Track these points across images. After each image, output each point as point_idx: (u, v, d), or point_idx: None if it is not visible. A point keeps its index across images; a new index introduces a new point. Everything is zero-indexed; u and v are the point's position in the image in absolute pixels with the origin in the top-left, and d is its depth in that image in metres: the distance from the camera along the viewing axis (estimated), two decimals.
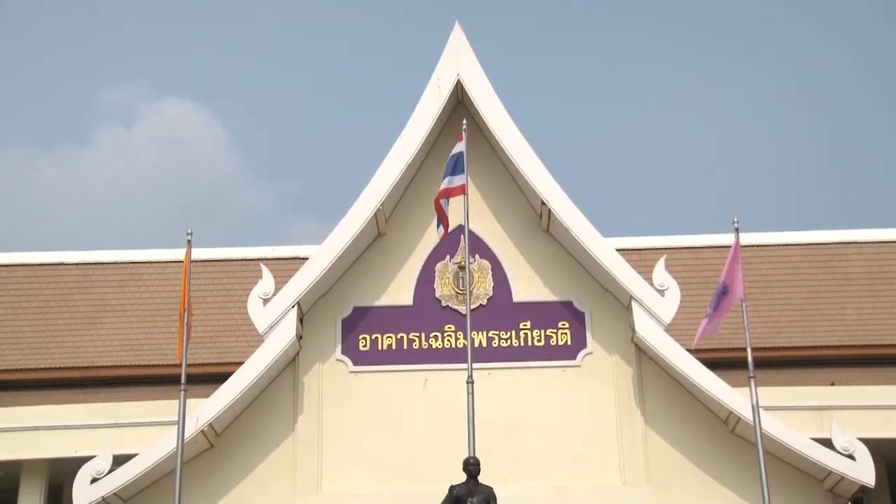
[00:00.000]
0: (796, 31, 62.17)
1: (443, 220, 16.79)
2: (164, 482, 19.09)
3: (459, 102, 21.28)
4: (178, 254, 27.33)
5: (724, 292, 16.73)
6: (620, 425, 19.83)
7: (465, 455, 13.88)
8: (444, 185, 16.81)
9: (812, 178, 63.32)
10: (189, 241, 16.50)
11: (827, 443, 19.39)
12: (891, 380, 25.36)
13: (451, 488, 13.35)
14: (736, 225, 17.46)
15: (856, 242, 29.28)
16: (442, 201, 16.69)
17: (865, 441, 19.63)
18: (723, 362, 21.02)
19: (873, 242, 29.32)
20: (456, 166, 17.05)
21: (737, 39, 62.99)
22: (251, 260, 27.82)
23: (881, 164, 61.30)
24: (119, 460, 19.63)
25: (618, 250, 20.80)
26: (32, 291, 28.66)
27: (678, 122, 65.85)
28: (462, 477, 13.35)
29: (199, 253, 27.17)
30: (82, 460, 20.51)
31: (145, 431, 22.91)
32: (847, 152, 62.48)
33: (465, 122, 18.23)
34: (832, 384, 24.96)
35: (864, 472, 19.00)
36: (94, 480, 19.28)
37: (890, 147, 61.17)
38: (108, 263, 29.18)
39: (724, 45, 63.68)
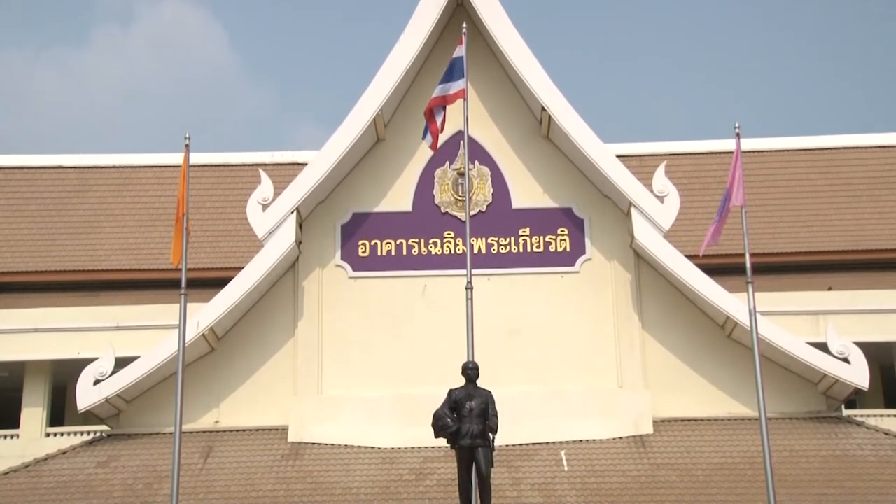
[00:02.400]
0: None
1: (432, 129, 16.43)
2: (166, 385, 19.29)
3: (459, 5, 20.96)
4: (177, 158, 27.24)
5: (728, 199, 16.64)
6: (618, 331, 19.97)
7: (464, 360, 13.99)
8: (438, 92, 16.47)
9: (813, 83, 62.74)
10: (187, 146, 16.40)
11: (822, 347, 19.57)
12: (887, 284, 25.53)
13: (450, 392, 13.49)
14: (737, 130, 17.34)
15: (857, 147, 29.16)
16: (435, 109, 16.37)
17: (860, 345, 19.80)
18: (721, 268, 21.12)
19: (875, 147, 29.19)
20: (455, 71, 16.78)
21: None
22: (250, 165, 27.76)
23: (885, 67, 60.72)
24: (121, 363, 19.83)
25: (618, 156, 20.72)
26: (31, 194, 28.64)
27: (681, 28, 65.01)
28: (461, 381, 13.48)
29: (197, 157, 27.09)
30: (84, 362, 20.73)
31: (146, 335, 23.16)
32: (850, 56, 61.83)
33: (464, 25, 17.98)
34: (829, 289, 25.12)
35: (858, 375, 19.19)
36: (96, 382, 19.47)
37: (893, 51, 60.50)
38: (106, 167, 29.11)
39: None
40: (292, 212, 19.87)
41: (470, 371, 13.53)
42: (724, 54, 65.30)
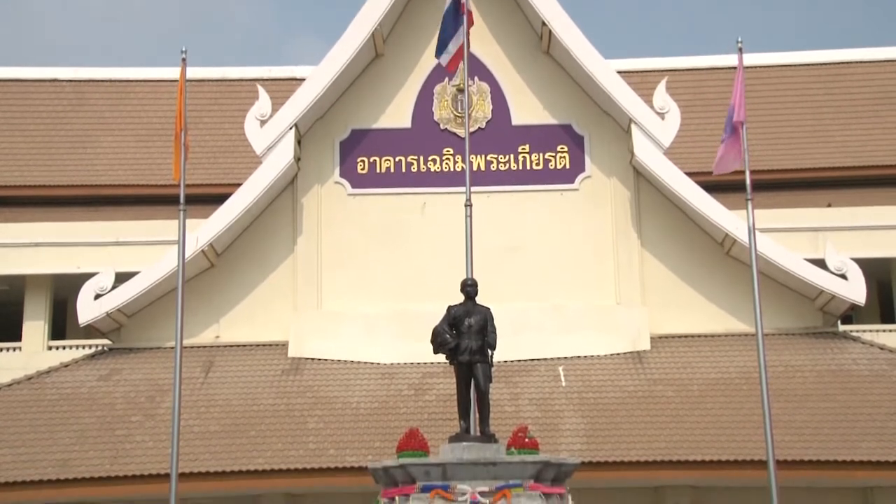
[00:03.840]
0: None
1: (453, 57, 16.01)
2: (167, 300, 19.39)
3: None
4: (174, 72, 26.91)
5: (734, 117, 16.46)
6: (617, 248, 20.02)
7: (463, 277, 14.02)
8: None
9: None
10: (184, 60, 16.20)
11: (821, 264, 19.66)
12: (887, 200, 25.50)
13: (449, 309, 13.53)
14: (740, 45, 17.16)
15: (860, 62, 28.87)
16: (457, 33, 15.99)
17: (859, 261, 19.90)
18: (721, 185, 21.03)
19: (878, 62, 28.90)
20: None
21: None
22: (248, 80, 27.48)
23: None
24: (121, 278, 19.93)
25: (618, 72, 20.57)
26: (27, 107, 28.44)
27: None
28: (460, 298, 13.54)
29: (194, 72, 26.75)
30: (84, 277, 20.85)
31: (146, 250, 23.21)
32: None
33: None
34: (829, 206, 25.10)
35: (855, 290, 19.31)
36: (97, 296, 19.60)
37: None
38: (102, 81, 28.86)
39: None
40: (290, 128, 19.78)
41: (469, 288, 13.56)
42: None
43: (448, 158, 20.33)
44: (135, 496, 17.05)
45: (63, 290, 25.19)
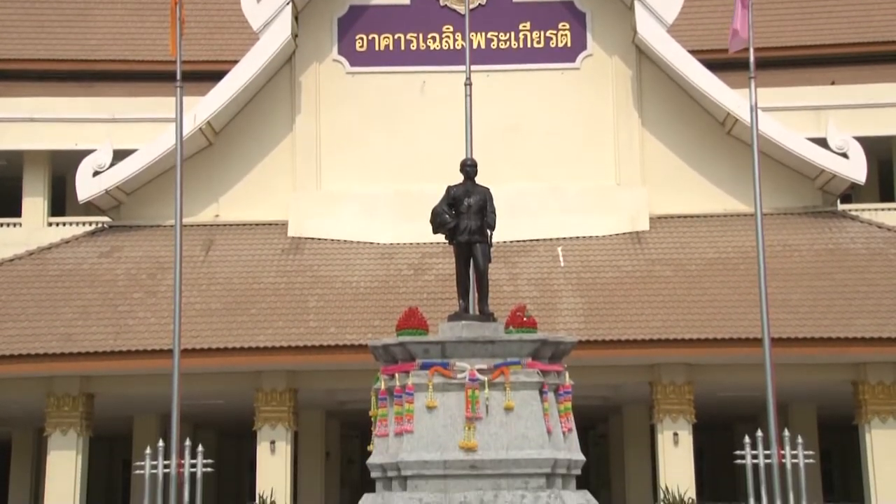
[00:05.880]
0: None
1: None
2: (166, 178, 19.35)
3: None
4: None
5: None
6: (617, 128, 19.90)
7: (463, 157, 13.95)
8: None
9: None
10: None
11: (823, 143, 19.58)
12: (892, 77, 25.19)
13: (449, 189, 13.47)
14: None
15: None
16: None
17: (860, 139, 19.85)
18: (724, 63, 20.73)
19: None
20: None
21: None
22: None
23: None
24: (118, 156, 19.87)
25: None
26: None
27: None
28: (459, 178, 13.49)
29: None
30: (82, 153, 20.79)
31: (143, 128, 23.01)
32: None
33: None
34: (832, 83, 24.81)
35: (855, 169, 19.28)
36: (96, 173, 19.56)
37: None
38: None
39: None
40: (287, 3, 19.46)
41: (468, 168, 13.49)
42: None
43: (448, 36, 20.03)
44: (138, 371, 17.32)
45: (62, 167, 25.10)
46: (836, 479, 24.64)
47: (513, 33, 20.03)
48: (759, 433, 13.67)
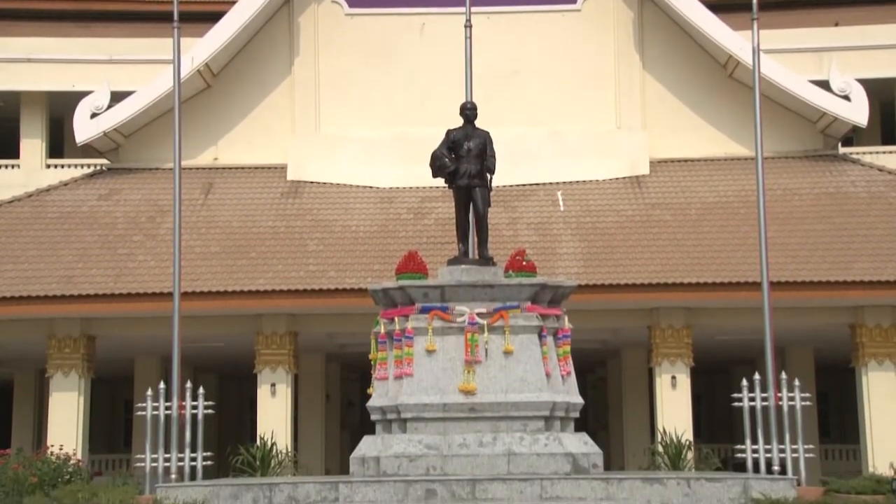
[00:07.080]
0: None
1: None
2: (164, 120, 19.24)
3: None
4: None
5: None
6: (618, 71, 19.75)
7: (463, 100, 13.88)
8: None
9: None
10: None
11: (825, 85, 19.47)
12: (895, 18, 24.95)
13: (448, 132, 13.43)
14: None
15: None
16: None
17: (863, 82, 19.70)
18: (726, 5, 20.54)
19: None
20: None
21: None
22: None
23: None
24: (116, 97, 19.75)
25: None
26: None
27: None
28: (459, 122, 13.43)
29: None
30: (80, 95, 20.65)
31: (140, 69, 22.85)
32: None
33: None
34: (836, 24, 24.59)
35: (857, 111, 19.20)
36: (93, 115, 19.46)
37: None
38: None
39: None
40: None
41: (468, 111, 13.45)
42: None
43: None
44: (138, 313, 17.37)
45: (59, 109, 24.97)
46: (832, 421, 24.83)
47: None
48: (757, 376, 13.74)
